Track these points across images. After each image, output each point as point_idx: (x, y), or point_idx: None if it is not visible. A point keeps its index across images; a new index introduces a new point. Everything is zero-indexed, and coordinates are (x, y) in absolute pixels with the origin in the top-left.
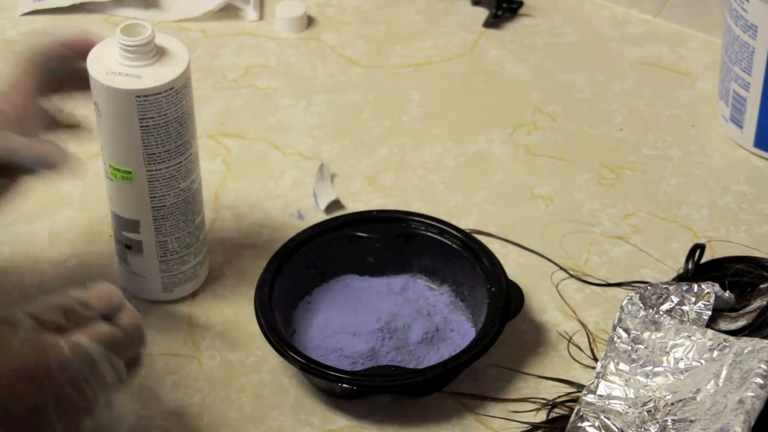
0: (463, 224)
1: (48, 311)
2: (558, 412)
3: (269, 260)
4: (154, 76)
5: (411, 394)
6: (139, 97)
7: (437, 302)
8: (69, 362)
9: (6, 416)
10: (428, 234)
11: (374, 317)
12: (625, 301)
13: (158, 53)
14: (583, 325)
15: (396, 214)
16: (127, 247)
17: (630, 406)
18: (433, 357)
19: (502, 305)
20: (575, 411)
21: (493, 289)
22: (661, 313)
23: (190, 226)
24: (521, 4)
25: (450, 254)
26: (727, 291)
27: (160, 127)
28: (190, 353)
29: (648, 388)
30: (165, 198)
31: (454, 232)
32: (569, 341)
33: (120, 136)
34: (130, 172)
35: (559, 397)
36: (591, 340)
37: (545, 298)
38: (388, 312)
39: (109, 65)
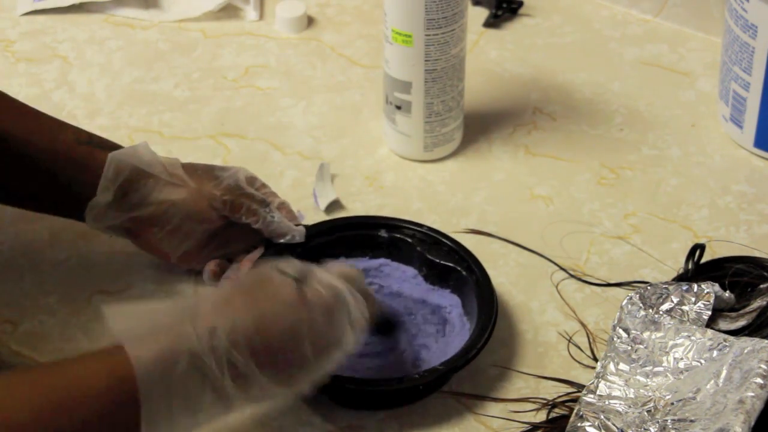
0: (463, 224)
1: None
2: (558, 412)
3: None
4: None
5: (399, 405)
6: None
7: (433, 300)
8: (320, 293)
9: (267, 335)
10: (420, 239)
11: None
12: (625, 301)
13: None
14: (583, 325)
15: (393, 221)
16: (397, 107)
17: (630, 406)
18: (432, 348)
19: (491, 307)
20: (575, 411)
21: (482, 293)
22: (661, 313)
23: (455, 90)
24: (521, 4)
25: (442, 256)
26: (727, 291)
27: None
28: None
29: (648, 388)
30: (437, 62)
31: (443, 239)
32: (569, 341)
33: (405, 1)
34: (410, 36)
35: (559, 397)
36: (591, 340)
37: (545, 298)
38: (385, 311)
39: None
